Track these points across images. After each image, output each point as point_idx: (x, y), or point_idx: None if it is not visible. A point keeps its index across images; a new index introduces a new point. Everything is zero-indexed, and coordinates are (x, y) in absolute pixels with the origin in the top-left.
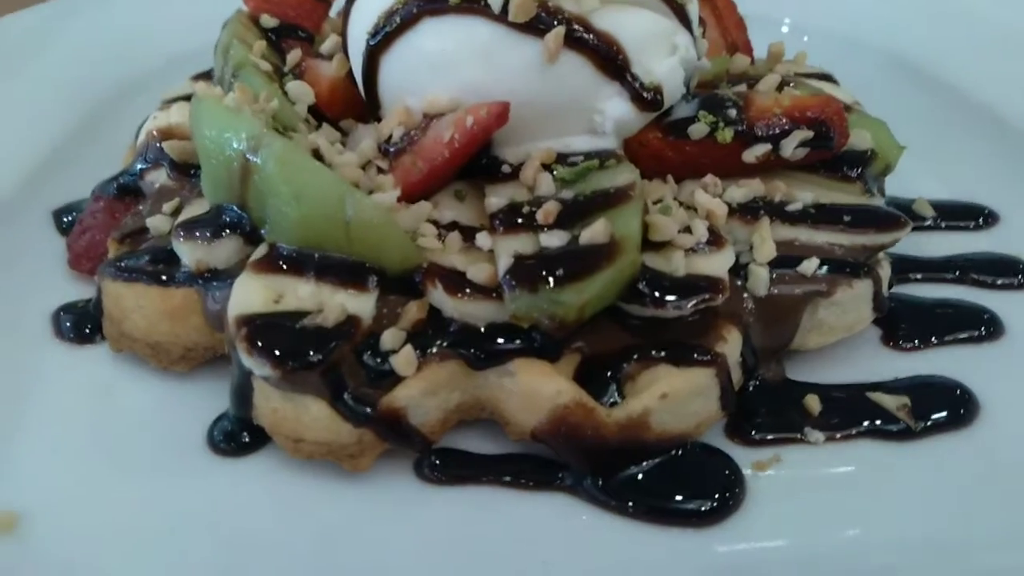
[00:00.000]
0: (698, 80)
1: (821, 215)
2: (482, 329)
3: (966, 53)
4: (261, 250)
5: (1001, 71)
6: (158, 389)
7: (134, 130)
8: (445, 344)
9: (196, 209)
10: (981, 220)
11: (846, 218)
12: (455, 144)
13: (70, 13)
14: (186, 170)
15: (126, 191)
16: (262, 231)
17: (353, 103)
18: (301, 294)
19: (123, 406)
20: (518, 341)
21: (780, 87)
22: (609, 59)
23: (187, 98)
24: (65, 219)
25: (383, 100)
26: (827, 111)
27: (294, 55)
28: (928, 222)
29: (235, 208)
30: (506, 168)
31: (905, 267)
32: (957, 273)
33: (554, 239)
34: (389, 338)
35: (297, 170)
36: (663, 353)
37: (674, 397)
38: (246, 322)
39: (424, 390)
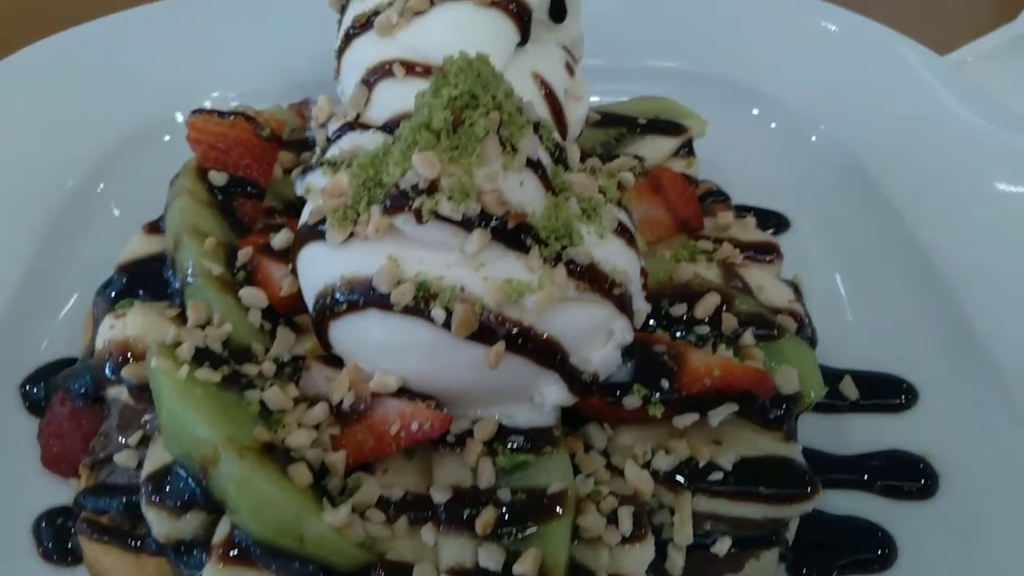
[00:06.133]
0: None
1: (740, 486)
2: None
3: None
4: (224, 528)
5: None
6: None
7: (86, 262)
8: None
9: (160, 448)
10: (902, 399)
11: (762, 490)
12: (400, 441)
13: None
14: (148, 390)
15: (90, 398)
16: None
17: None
18: None
19: None
20: None
21: (721, 307)
22: (548, 358)
23: (141, 268)
24: (33, 392)
25: (334, 347)
26: (755, 385)
27: (245, 253)
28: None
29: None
30: (450, 438)
31: (819, 465)
32: (865, 477)
33: (490, 560)
34: None
35: (255, 493)
36: None
37: None
38: None
39: None
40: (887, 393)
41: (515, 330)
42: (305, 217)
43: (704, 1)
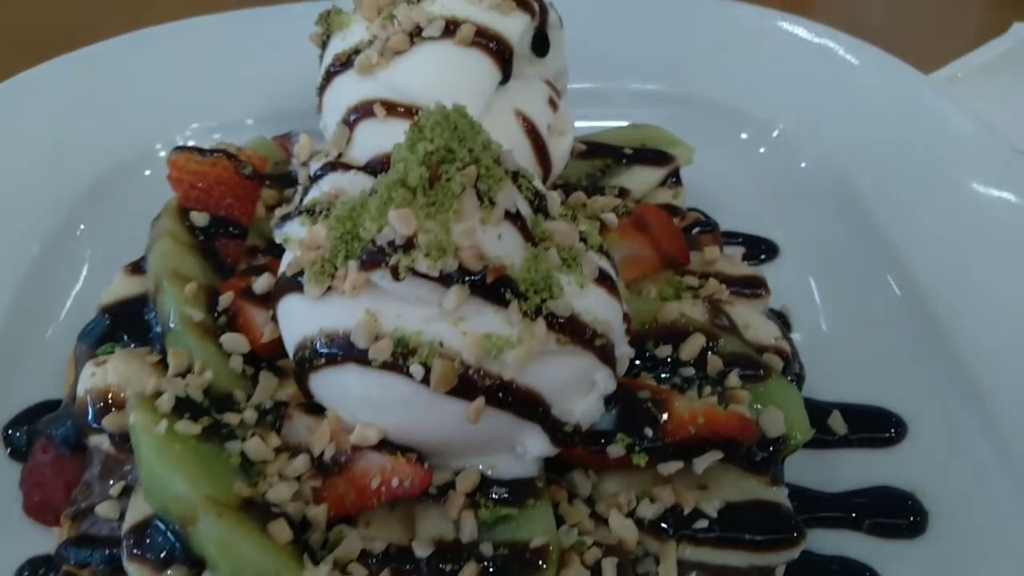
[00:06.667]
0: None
1: (725, 533)
2: None
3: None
4: None
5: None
6: None
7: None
8: None
9: (142, 500)
10: (890, 432)
11: (747, 537)
12: (381, 496)
13: None
14: (130, 439)
15: (72, 446)
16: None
17: None
18: None
19: None
20: None
21: (706, 348)
22: (530, 411)
23: (123, 310)
24: (15, 436)
25: (315, 397)
26: (740, 432)
27: (226, 298)
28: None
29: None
30: (432, 489)
31: (806, 504)
32: (853, 515)
33: None
34: None
35: (234, 552)
36: None
37: None
38: None
39: None
40: (876, 427)
41: (495, 385)
42: (284, 267)
43: (691, 23)
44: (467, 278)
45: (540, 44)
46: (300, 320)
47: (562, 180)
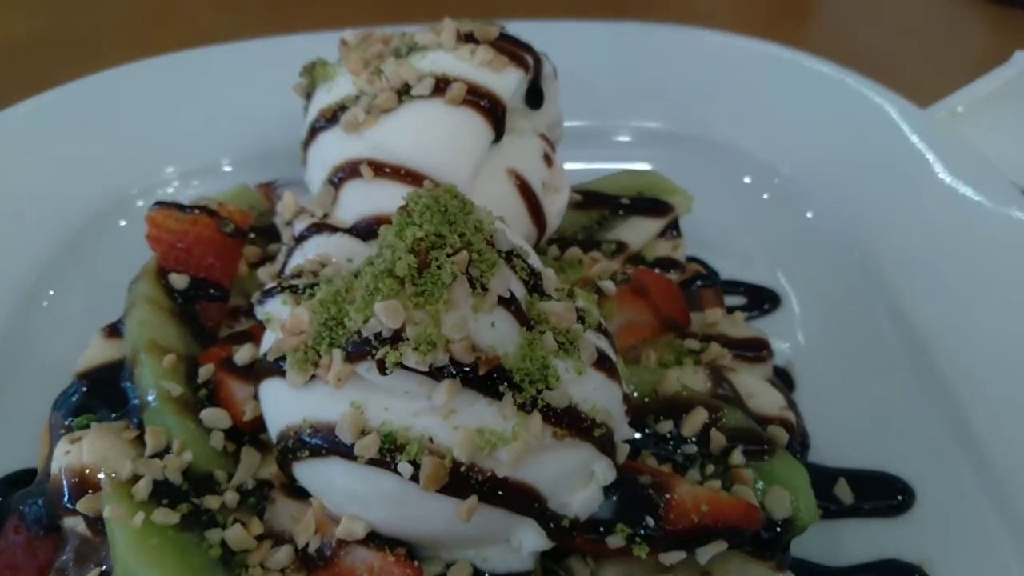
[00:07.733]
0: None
1: None
2: None
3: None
4: None
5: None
6: None
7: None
8: None
9: None
10: (897, 499)
11: None
12: None
13: None
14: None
15: (46, 527)
16: None
17: None
18: None
19: None
20: None
21: (709, 423)
22: (524, 506)
23: (100, 376)
24: None
25: (299, 483)
26: (744, 521)
27: (206, 370)
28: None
29: None
30: None
31: None
32: None
33: None
34: None
35: None
36: None
37: None
38: None
39: None
40: (882, 494)
41: (488, 482)
42: (265, 347)
43: (691, 60)
44: (458, 371)
45: (534, 98)
46: (283, 407)
47: (558, 234)
